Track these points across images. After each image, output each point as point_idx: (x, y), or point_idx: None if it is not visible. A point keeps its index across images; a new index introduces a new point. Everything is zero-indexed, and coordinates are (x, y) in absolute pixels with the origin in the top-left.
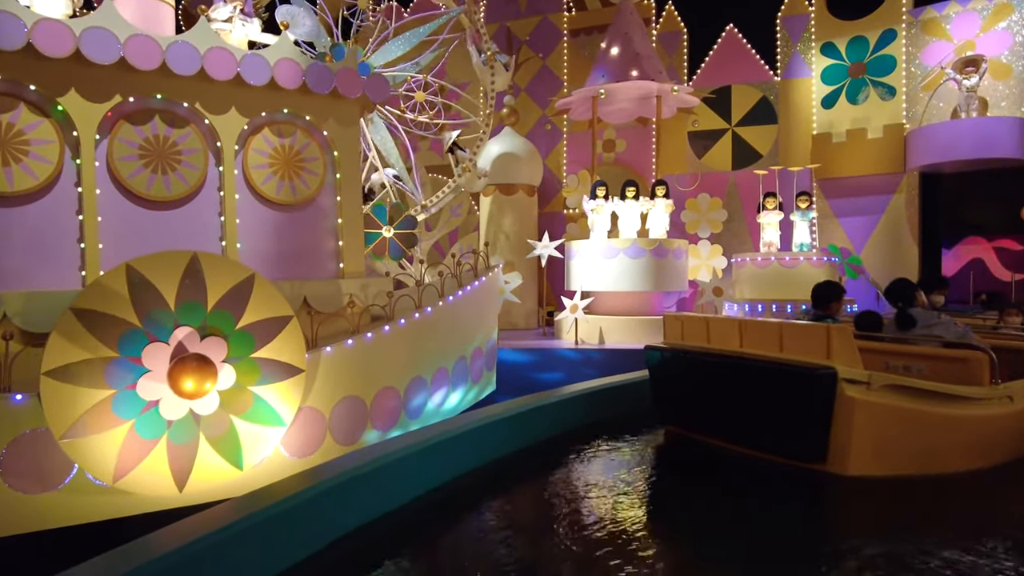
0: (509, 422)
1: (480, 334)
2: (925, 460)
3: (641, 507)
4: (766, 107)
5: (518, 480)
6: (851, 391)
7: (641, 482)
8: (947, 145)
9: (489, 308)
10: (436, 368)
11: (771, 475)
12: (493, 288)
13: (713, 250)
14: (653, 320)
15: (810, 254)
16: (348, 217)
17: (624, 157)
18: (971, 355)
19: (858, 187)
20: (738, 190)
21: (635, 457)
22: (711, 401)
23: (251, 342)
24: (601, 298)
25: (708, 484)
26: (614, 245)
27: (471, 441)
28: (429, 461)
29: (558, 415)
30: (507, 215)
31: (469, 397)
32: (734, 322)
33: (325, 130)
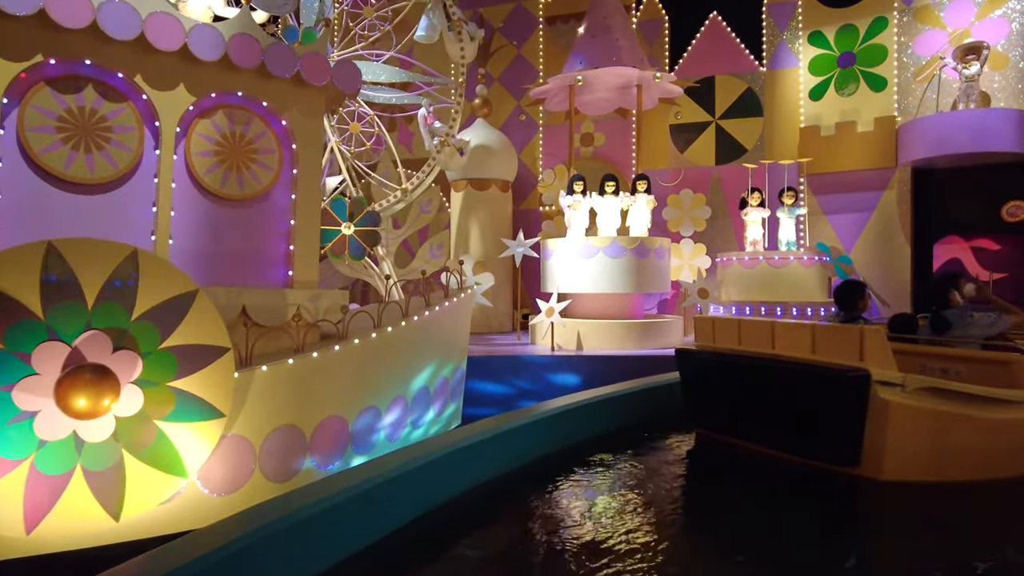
0: (537, 426)
1: (448, 362)
2: (962, 466)
3: (674, 512)
4: (751, 99)
5: (546, 483)
6: (885, 393)
7: (673, 486)
8: (941, 139)
9: (459, 333)
10: (393, 397)
11: (804, 479)
12: (465, 311)
13: (696, 249)
14: (634, 324)
15: (800, 253)
16: (304, 219)
17: (603, 151)
18: (1012, 357)
19: (848, 183)
20: (722, 186)
21: (666, 461)
22: (743, 404)
23: (172, 367)
24: (579, 300)
25: (739, 488)
26: (592, 244)
27: (508, 442)
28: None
29: (585, 420)
30: (479, 212)
31: (431, 433)
32: (766, 324)
33: (285, 119)
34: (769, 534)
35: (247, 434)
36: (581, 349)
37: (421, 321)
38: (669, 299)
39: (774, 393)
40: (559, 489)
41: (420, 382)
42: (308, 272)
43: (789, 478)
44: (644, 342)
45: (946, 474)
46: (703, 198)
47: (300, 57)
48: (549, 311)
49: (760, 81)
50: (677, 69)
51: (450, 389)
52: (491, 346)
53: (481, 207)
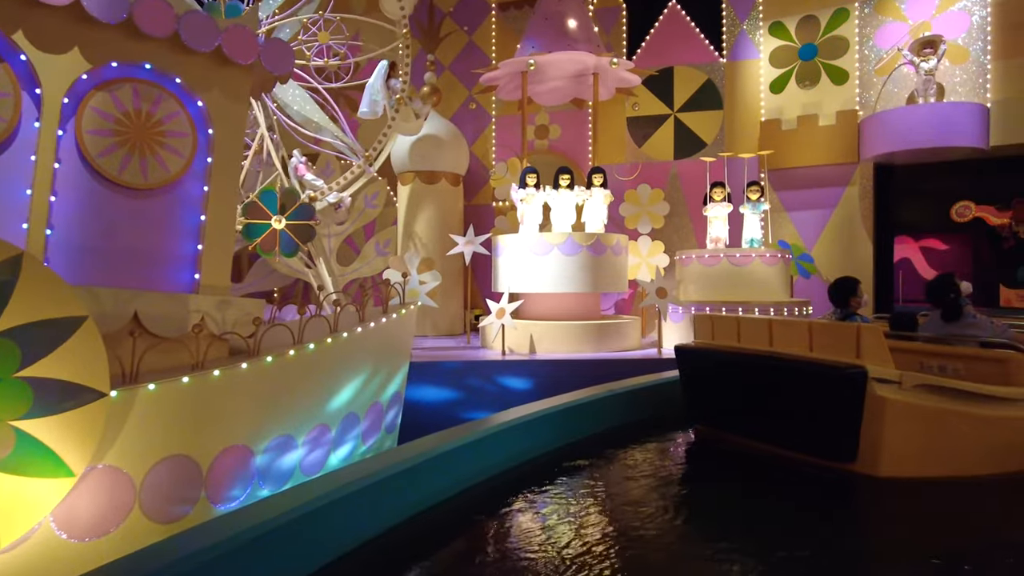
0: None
1: (385, 385)
2: (959, 463)
3: (676, 505)
4: (711, 91)
5: (551, 477)
6: (882, 391)
7: (673, 481)
8: (903, 132)
9: (399, 352)
10: (313, 425)
11: (800, 475)
12: (408, 328)
13: (654, 247)
14: (590, 325)
15: (763, 251)
16: (217, 215)
17: (559, 144)
18: (1011, 355)
19: (809, 178)
20: (681, 181)
21: (665, 456)
22: (742, 400)
23: (13, 355)
24: (532, 300)
25: (737, 483)
26: (546, 240)
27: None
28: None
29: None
30: (428, 206)
31: None
32: (764, 322)
33: (202, 100)
34: (760, 526)
35: (125, 465)
36: (534, 353)
37: (352, 339)
38: (626, 299)
39: (772, 390)
40: (542, 494)
41: (349, 408)
42: (218, 276)
43: (785, 473)
44: (601, 344)
45: (942, 471)
46: (661, 193)
47: (223, 30)
48: (500, 312)
49: (720, 73)
50: (635, 59)
51: (386, 415)
52: (438, 350)
53: (430, 201)
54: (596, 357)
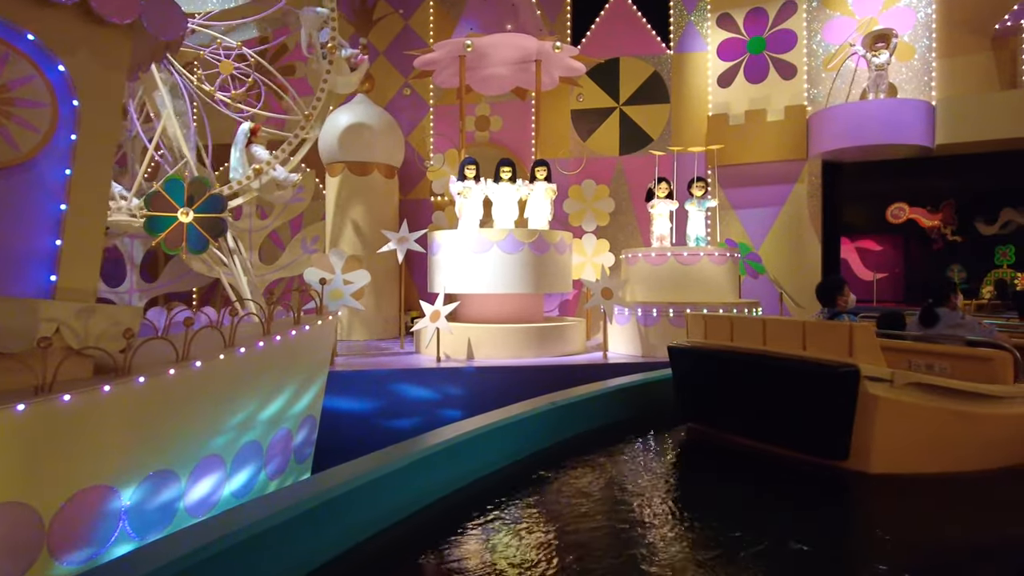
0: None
1: (295, 407)
2: (948, 459)
3: (668, 501)
4: (657, 84)
5: (544, 477)
6: (874, 389)
7: (667, 477)
8: (853, 129)
9: (310, 369)
10: (201, 457)
11: (792, 472)
12: (322, 341)
13: (600, 245)
14: (532, 328)
15: (711, 249)
16: (82, 204)
17: (500, 137)
18: (995, 354)
19: (757, 176)
20: (627, 177)
21: (659, 453)
22: (735, 399)
23: None
24: (470, 302)
25: (723, 477)
26: (486, 237)
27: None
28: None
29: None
30: (359, 200)
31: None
32: (758, 321)
33: (64, 64)
34: (754, 523)
35: None
36: (472, 359)
37: (251, 355)
38: (571, 300)
39: (766, 388)
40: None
41: (249, 435)
42: (81, 278)
43: (776, 470)
44: (543, 349)
45: (932, 467)
46: (606, 189)
47: None
48: (434, 315)
49: (667, 65)
50: (580, 49)
51: (294, 440)
52: (366, 356)
53: (362, 195)
54: (538, 363)
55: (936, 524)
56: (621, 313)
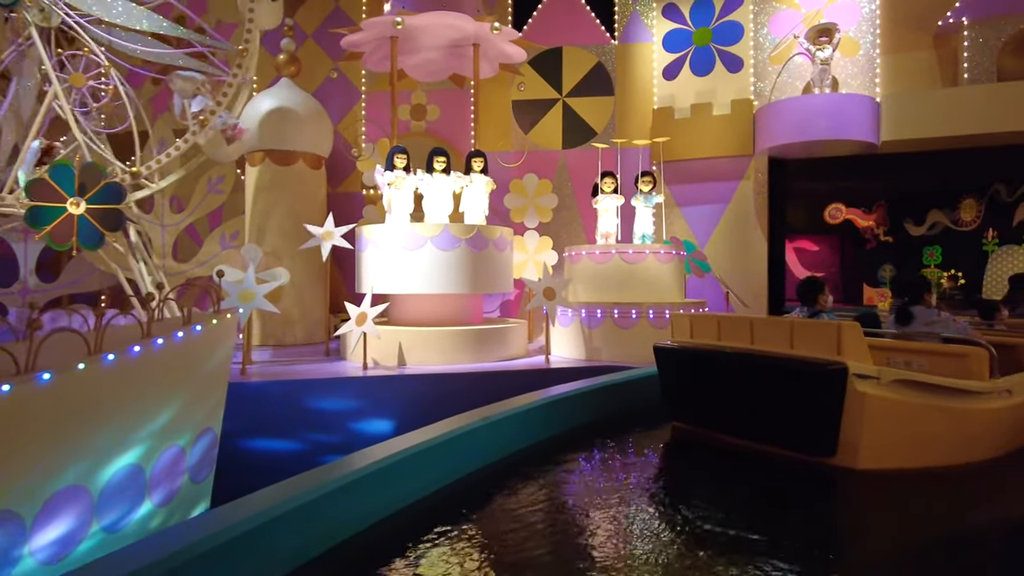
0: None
1: (185, 422)
2: (931, 454)
3: (655, 499)
4: (602, 75)
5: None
6: (861, 386)
7: (653, 475)
8: (799, 124)
9: (206, 377)
10: (54, 491)
11: (781, 469)
12: (220, 346)
13: (542, 243)
14: (470, 331)
15: (656, 247)
16: None
17: (437, 127)
18: (971, 350)
19: (703, 172)
20: (570, 172)
21: (644, 452)
22: (723, 398)
23: None
24: (402, 303)
25: (718, 477)
26: (418, 232)
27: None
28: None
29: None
30: (283, 192)
31: (151, 527)
32: (745, 320)
33: None
34: (744, 521)
35: None
36: (404, 365)
37: (124, 362)
38: (513, 300)
39: (754, 387)
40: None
41: (125, 458)
42: None
43: (765, 467)
44: (482, 353)
45: (917, 462)
46: (549, 184)
47: None
48: (360, 318)
49: (611, 56)
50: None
51: (191, 460)
52: (283, 364)
53: (285, 186)
54: (475, 369)
55: (918, 516)
56: (564, 314)
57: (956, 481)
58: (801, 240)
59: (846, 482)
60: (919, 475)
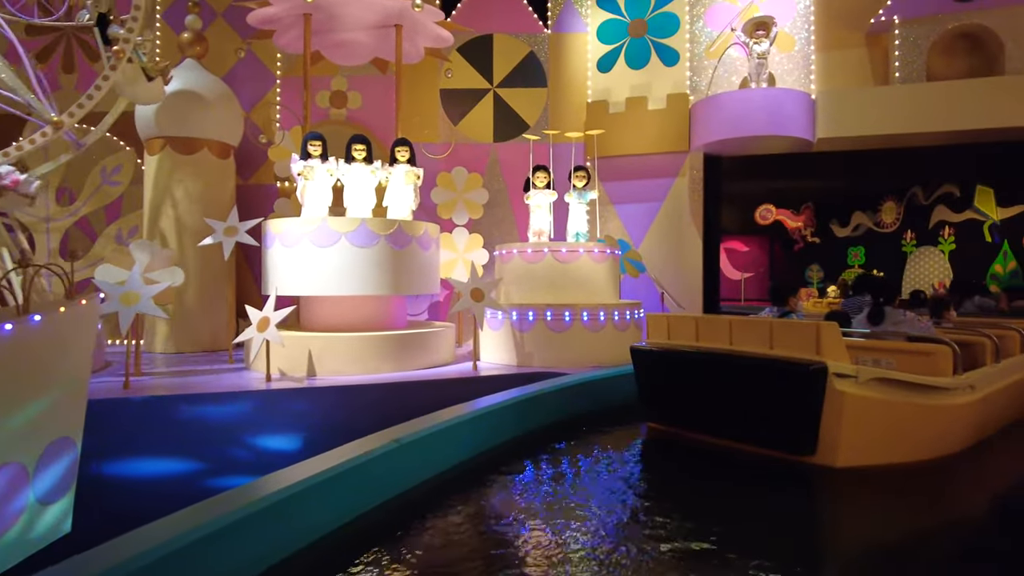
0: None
1: (28, 434)
2: (906, 449)
3: (639, 499)
4: (534, 66)
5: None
6: (840, 385)
7: (634, 475)
8: (737, 118)
9: (55, 378)
10: None
11: (762, 468)
12: (72, 339)
13: (472, 240)
14: (390, 337)
15: (591, 246)
16: None
17: (359, 115)
18: (937, 348)
19: (637, 168)
20: (502, 167)
21: (621, 452)
22: (702, 399)
23: None
24: (314, 306)
25: (701, 476)
26: (331, 227)
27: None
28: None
29: None
30: (185, 183)
31: None
32: (724, 320)
33: None
34: (725, 514)
35: None
36: (314, 376)
37: None
38: (443, 302)
39: (734, 387)
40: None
41: None
42: None
43: (743, 466)
44: (404, 361)
45: (892, 458)
46: (479, 178)
47: None
48: (262, 323)
49: (544, 46)
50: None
51: (37, 480)
52: (174, 376)
53: (188, 177)
54: (395, 379)
55: (892, 511)
56: (494, 317)
57: (927, 475)
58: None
59: (825, 480)
60: (894, 471)
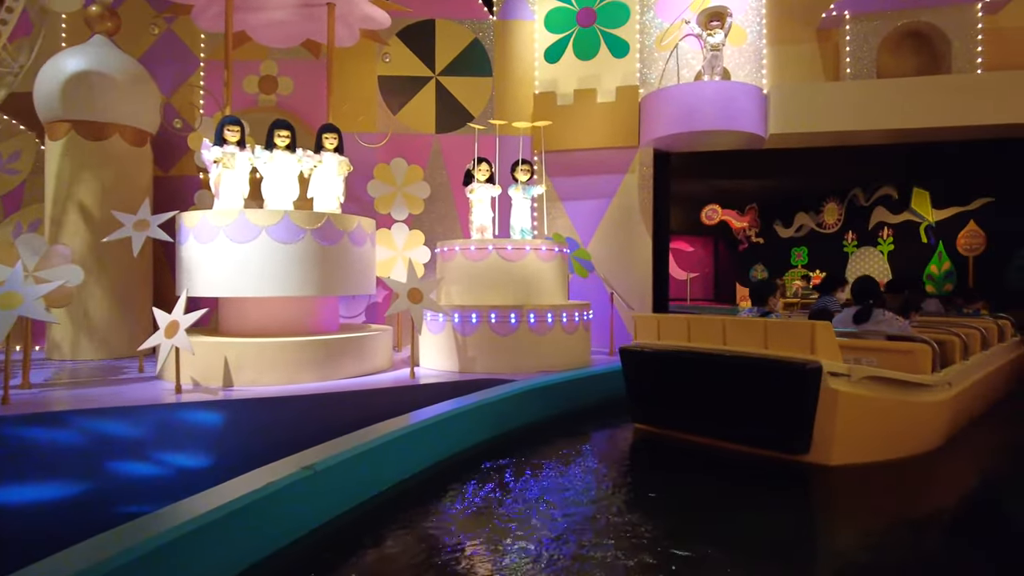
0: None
1: None
2: (893, 445)
3: (634, 502)
4: (479, 54)
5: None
6: (834, 384)
7: (617, 474)
8: (688, 112)
9: None
10: None
11: (757, 468)
12: None
13: (413, 237)
14: (319, 343)
15: (538, 243)
16: None
17: (291, 102)
18: (916, 347)
19: (586, 163)
20: (444, 159)
21: (610, 455)
22: (695, 398)
23: None
24: (232, 309)
25: (694, 477)
26: (251, 221)
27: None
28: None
29: None
30: (94, 173)
31: None
32: (717, 321)
33: None
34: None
35: None
36: (230, 387)
37: None
38: (382, 304)
39: (729, 387)
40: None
41: None
42: None
43: (737, 466)
44: (334, 369)
45: (883, 454)
46: (420, 171)
47: None
48: (170, 327)
49: (489, 33)
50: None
51: None
52: (70, 388)
53: (96, 166)
54: (321, 388)
55: (885, 507)
56: (435, 319)
57: (914, 471)
58: (677, 241)
59: (821, 478)
60: (884, 467)
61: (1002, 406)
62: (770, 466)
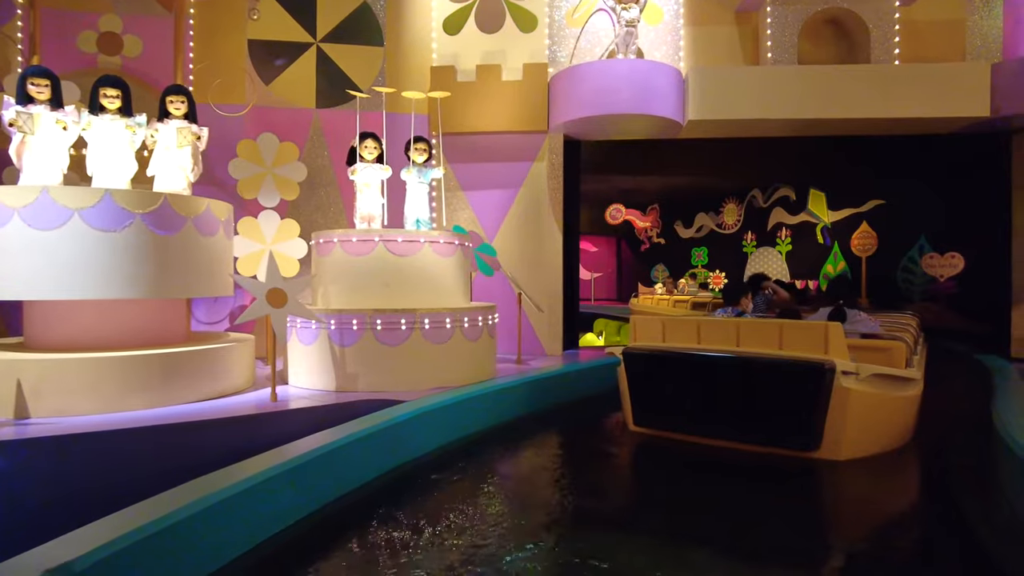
0: None
1: None
2: (889, 438)
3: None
4: (368, 20)
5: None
6: (845, 382)
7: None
8: (600, 94)
9: None
10: None
11: (767, 466)
12: None
13: (285, 228)
14: (151, 358)
15: (434, 235)
16: None
17: (139, 66)
18: (893, 344)
19: (491, 149)
20: (326, 137)
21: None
22: (705, 400)
23: None
24: (40, 316)
25: (705, 480)
26: (58, 201)
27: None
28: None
29: None
30: None
31: None
32: (731, 323)
33: None
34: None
35: None
36: (26, 418)
37: None
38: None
39: (744, 387)
40: None
41: None
42: None
43: (750, 465)
44: (173, 391)
45: (885, 447)
46: (295, 149)
47: None
48: None
49: None
50: None
51: None
52: None
53: None
54: (152, 418)
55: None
56: (306, 327)
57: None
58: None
59: (832, 472)
60: (883, 458)
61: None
62: (784, 464)
